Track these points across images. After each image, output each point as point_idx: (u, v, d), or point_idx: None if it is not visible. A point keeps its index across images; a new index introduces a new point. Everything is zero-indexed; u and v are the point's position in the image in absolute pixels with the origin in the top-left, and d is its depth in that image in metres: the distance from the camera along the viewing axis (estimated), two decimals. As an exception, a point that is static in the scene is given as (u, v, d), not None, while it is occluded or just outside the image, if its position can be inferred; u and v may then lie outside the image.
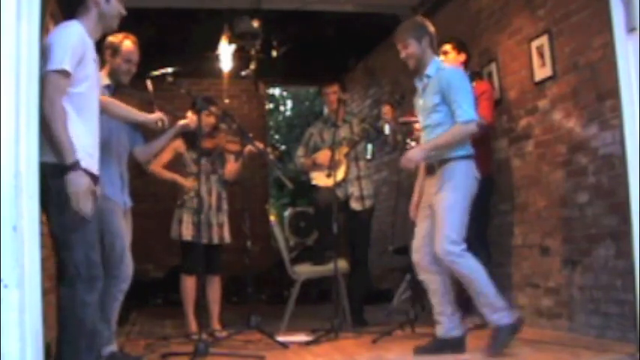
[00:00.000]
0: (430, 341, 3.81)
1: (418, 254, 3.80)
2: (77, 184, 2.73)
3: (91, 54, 2.92)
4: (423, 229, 3.79)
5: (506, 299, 3.93)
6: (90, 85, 2.91)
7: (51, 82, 2.72)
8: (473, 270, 3.60)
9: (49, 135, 2.72)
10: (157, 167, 4.81)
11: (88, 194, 2.77)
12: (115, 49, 3.76)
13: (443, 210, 3.62)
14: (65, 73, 2.75)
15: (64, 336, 2.79)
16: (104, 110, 3.60)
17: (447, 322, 3.75)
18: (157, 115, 3.74)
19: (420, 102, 3.90)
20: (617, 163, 3.70)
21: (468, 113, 3.64)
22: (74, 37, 2.82)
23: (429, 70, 3.80)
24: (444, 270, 3.70)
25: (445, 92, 3.68)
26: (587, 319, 4.05)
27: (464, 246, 3.59)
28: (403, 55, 3.85)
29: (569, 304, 4.23)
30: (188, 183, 4.78)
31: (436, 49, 3.91)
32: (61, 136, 2.72)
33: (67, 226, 2.78)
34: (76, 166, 2.73)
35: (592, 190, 4.02)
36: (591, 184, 4.03)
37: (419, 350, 3.75)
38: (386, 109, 4.89)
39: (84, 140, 2.85)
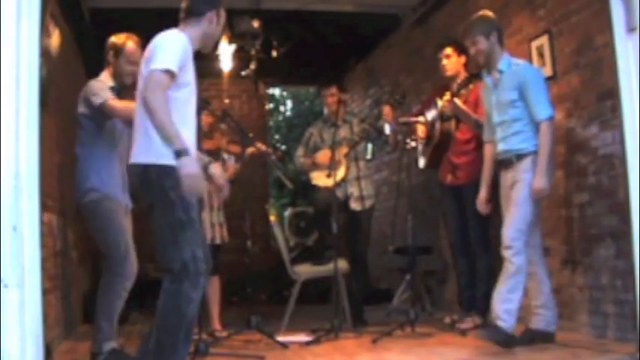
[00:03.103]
0: (523, 332, 3.87)
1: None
2: (190, 166, 2.79)
3: (192, 62, 3.02)
4: None
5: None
6: (190, 90, 3.03)
7: (154, 78, 2.80)
8: (522, 266, 3.71)
9: (156, 127, 2.80)
10: None
11: (201, 176, 2.86)
12: (118, 50, 3.74)
13: (517, 202, 3.74)
14: (170, 73, 2.83)
15: (165, 326, 2.87)
16: (131, 116, 3.63)
17: (545, 316, 3.84)
18: None
19: (492, 98, 3.93)
20: (617, 163, 3.70)
21: (547, 110, 3.72)
22: (180, 44, 2.94)
23: (501, 64, 3.84)
24: (537, 262, 3.83)
25: (522, 87, 3.73)
26: (587, 319, 4.05)
27: (525, 238, 3.73)
28: (473, 51, 3.90)
29: (569, 304, 4.23)
30: None
31: (504, 43, 3.94)
32: (167, 125, 2.79)
33: (176, 226, 2.86)
34: (186, 151, 2.80)
35: (592, 190, 4.02)
36: (591, 184, 4.03)
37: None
38: (386, 110, 4.89)
39: (192, 150, 2.93)
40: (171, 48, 2.89)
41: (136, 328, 5.43)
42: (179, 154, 2.78)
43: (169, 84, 2.85)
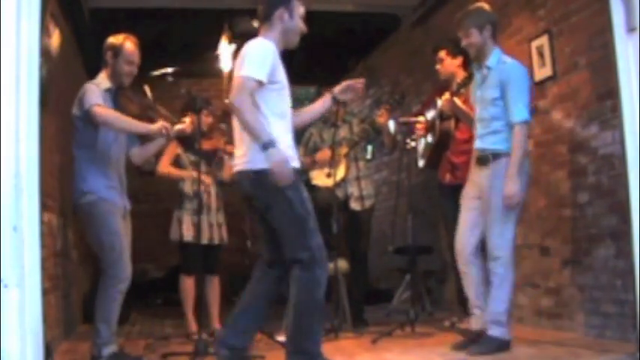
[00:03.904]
0: (467, 336, 3.84)
1: (461, 244, 3.84)
2: (275, 156, 3.04)
3: (281, 64, 3.25)
4: (469, 219, 3.83)
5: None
6: (284, 92, 3.28)
7: (240, 83, 3.07)
8: (509, 276, 3.66)
9: (242, 125, 3.11)
10: (163, 168, 4.80)
11: (287, 164, 3.08)
12: (117, 51, 3.73)
13: (499, 209, 3.65)
14: (255, 80, 3.08)
15: (300, 312, 3.15)
16: (109, 126, 3.63)
17: (484, 316, 3.77)
18: (160, 125, 3.72)
19: (477, 93, 3.89)
20: (617, 163, 3.70)
21: (523, 113, 3.65)
22: (266, 50, 3.16)
23: (490, 61, 3.78)
24: (482, 262, 3.77)
25: (504, 86, 3.69)
26: (587, 319, 4.05)
27: (513, 247, 3.68)
28: (464, 43, 3.85)
29: (569, 304, 4.23)
30: (194, 174, 4.72)
31: (497, 38, 3.89)
32: (252, 122, 3.07)
33: (299, 220, 3.14)
34: (272, 143, 3.05)
35: (592, 190, 4.02)
36: (591, 184, 4.03)
37: (457, 347, 3.75)
38: (380, 113, 4.88)
39: (285, 140, 3.19)
40: (257, 56, 3.12)
41: (135, 329, 5.43)
42: (265, 146, 3.04)
43: (255, 88, 3.09)
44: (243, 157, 3.21)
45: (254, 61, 3.11)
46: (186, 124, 4.05)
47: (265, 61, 3.12)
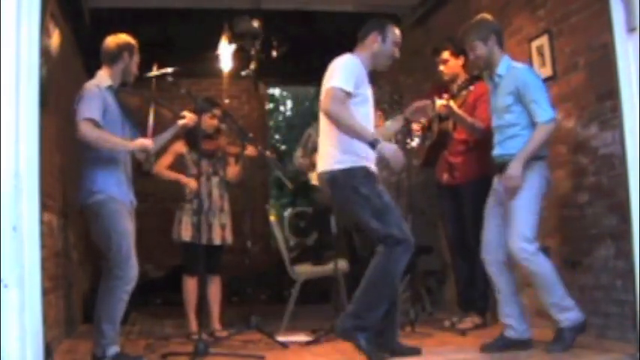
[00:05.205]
0: (497, 339, 3.79)
1: (490, 253, 3.81)
2: (387, 147, 3.39)
3: (366, 79, 3.59)
4: (495, 226, 3.80)
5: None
6: (369, 104, 3.60)
7: (331, 94, 3.40)
8: (544, 269, 3.65)
9: (345, 131, 3.39)
10: (160, 169, 4.83)
11: (399, 151, 3.43)
12: (132, 50, 3.78)
13: (516, 208, 3.64)
14: (343, 90, 3.40)
15: (373, 279, 3.39)
16: (93, 144, 3.58)
17: (515, 325, 3.75)
18: (140, 143, 3.70)
19: (492, 102, 3.90)
20: (617, 163, 3.70)
21: (548, 112, 3.65)
22: (352, 66, 3.50)
23: (500, 69, 3.77)
24: (513, 269, 3.77)
25: (521, 91, 3.66)
26: (587, 320, 4.04)
27: (537, 244, 3.64)
28: (471, 57, 3.87)
29: (569, 304, 4.22)
30: (191, 183, 4.77)
31: (504, 46, 3.88)
32: (354, 125, 3.37)
33: (376, 212, 3.38)
34: (377, 139, 3.37)
35: (592, 190, 4.02)
36: (591, 184, 4.03)
37: (486, 348, 3.72)
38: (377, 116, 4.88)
39: (366, 147, 3.42)
40: (344, 69, 3.45)
41: (135, 329, 5.43)
42: (373, 144, 3.34)
43: (345, 98, 3.38)
44: (323, 160, 3.52)
45: (342, 74, 3.42)
46: (188, 117, 4.07)
47: (352, 74, 3.42)
